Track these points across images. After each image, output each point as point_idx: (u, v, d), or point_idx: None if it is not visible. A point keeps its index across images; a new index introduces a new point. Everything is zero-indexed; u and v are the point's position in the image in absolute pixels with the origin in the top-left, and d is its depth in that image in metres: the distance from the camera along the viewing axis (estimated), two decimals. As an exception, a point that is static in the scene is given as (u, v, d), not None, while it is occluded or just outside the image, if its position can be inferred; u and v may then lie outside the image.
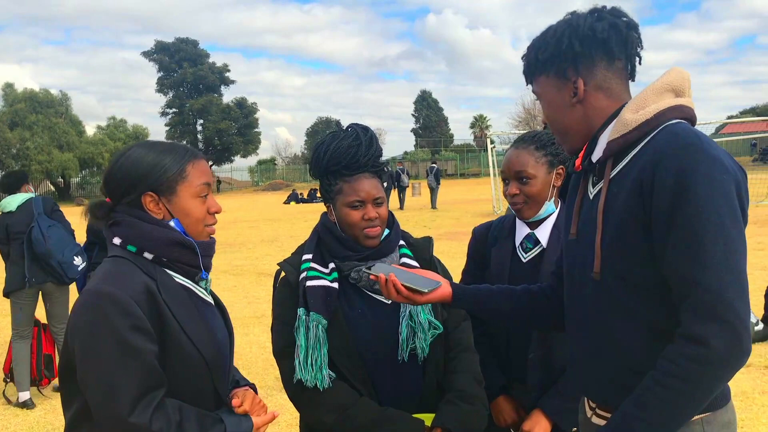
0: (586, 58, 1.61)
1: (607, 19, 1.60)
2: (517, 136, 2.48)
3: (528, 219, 2.35)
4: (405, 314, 2.07)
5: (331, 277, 2.09)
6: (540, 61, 1.67)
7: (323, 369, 1.98)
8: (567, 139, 1.72)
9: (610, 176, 1.59)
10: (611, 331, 1.58)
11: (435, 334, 2.08)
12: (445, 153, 63.67)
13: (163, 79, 63.42)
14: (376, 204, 2.10)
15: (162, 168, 1.75)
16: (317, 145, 2.18)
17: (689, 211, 1.39)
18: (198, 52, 63.33)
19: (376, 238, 2.11)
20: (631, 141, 1.55)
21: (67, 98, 48.74)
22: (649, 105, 1.55)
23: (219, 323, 1.88)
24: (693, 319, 1.38)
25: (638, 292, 1.52)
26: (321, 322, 2.00)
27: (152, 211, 1.76)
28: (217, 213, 1.85)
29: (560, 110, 1.68)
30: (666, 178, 1.42)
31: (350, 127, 2.18)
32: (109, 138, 47.88)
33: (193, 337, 1.70)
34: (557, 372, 2.27)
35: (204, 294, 1.85)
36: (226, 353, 1.87)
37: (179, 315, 1.70)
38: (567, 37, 1.61)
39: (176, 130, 63.70)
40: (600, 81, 1.62)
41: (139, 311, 1.61)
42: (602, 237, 1.57)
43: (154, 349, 1.62)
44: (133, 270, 1.69)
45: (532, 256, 2.36)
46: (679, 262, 1.41)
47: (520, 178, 2.30)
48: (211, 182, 1.86)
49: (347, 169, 2.11)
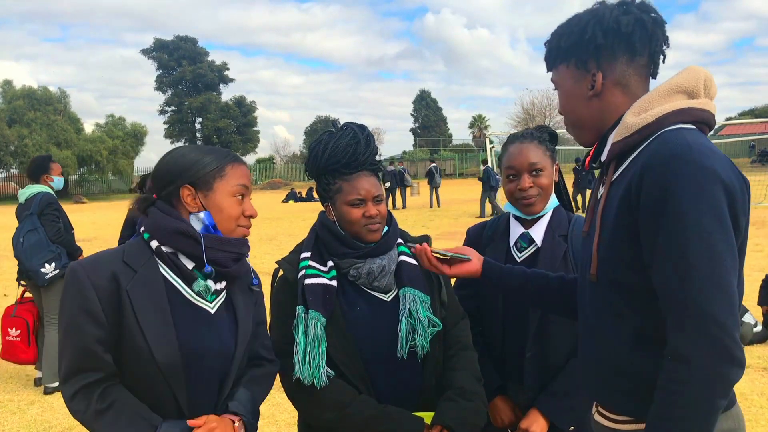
0: (607, 51, 1.57)
1: (634, 14, 1.56)
2: (511, 134, 2.46)
3: (537, 213, 2.34)
4: (404, 311, 2.06)
5: (329, 275, 2.08)
6: (562, 49, 1.65)
7: (321, 367, 1.97)
8: (580, 132, 1.71)
9: (611, 179, 1.57)
10: (603, 332, 1.59)
11: (434, 331, 2.08)
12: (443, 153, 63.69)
13: (162, 77, 63.55)
14: (376, 201, 2.11)
15: (202, 164, 1.83)
16: (314, 144, 2.17)
17: (672, 224, 1.37)
18: (197, 50, 63.41)
19: (377, 232, 2.12)
20: (631, 145, 1.53)
21: (65, 96, 48.59)
22: (653, 108, 1.52)
23: (205, 331, 1.80)
24: (677, 336, 1.37)
25: (628, 296, 1.51)
26: (320, 319, 2.00)
27: (188, 204, 1.82)
28: (252, 217, 1.89)
29: (576, 102, 1.66)
30: (650, 191, 1.40)
31: (346, 126, 2.17)
32: (107, 136, 47.73)
33: (150, 338, 1.69)
34: (553, 371, 2.27)
35: (194, 297, 1.81)
36: (205, 364, 1.79)
37: (142, 311, 1.70)
38: (591, 27, 1.58)
39: (175, 128, 63.83)
40: (619, 76, 1.59)
41: (93, 294, 1.68)
42: (599, 240, 1.56)
43: (97, 334, 1.68)
44: (112, 257, 1.78)
45: (527, 255, 2.35)
46: (664, 275, 1.39)
47: (533, 171, 2.29)
48: (249, 187, 1.89)
49: (346, 167, 2.10)
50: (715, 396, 1.34)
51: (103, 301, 1.69)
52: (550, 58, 1.71)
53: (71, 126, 46.23)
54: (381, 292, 2.12)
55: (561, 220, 2.36)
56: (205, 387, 1.81)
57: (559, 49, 1.66)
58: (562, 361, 2.28)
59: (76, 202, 39.18)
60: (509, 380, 2.36)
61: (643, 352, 1.49)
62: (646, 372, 1.47)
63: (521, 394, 2.32)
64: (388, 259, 2.13)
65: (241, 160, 1.92)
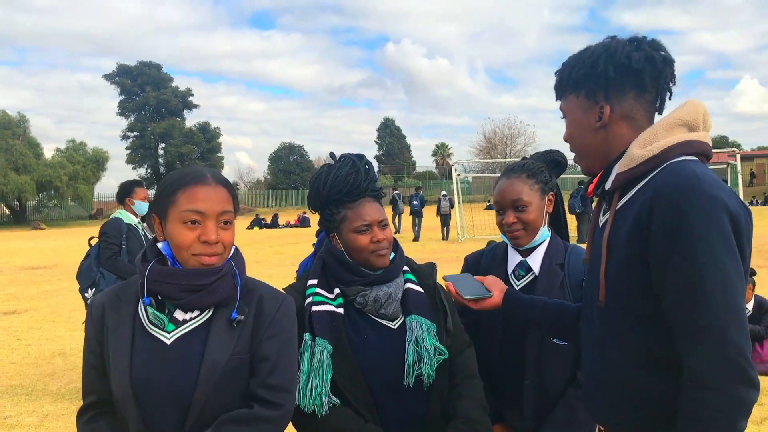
0: (617, 86, 1.62)
1: (645, 51, 1.61)
2: (506, 166, 2.51)
3: (524, 246, 2.37)
4: (411, 339, 2.06)
5: (336, 303, 2.08)
6: (572, 80, 1.69)
7: (323, 395, 1.96)
8: (584, 160, 1.75)
9: (616, 208, 1.61)
10: (611, 359, 1.61)
11: (440, 359, 2.07)
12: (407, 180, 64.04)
13: (125, 102, 62.90)
14: (381, 226, 2.13)
15: (161, 190, 1.79)
16: (315, 177, 2.19)
17: (685, 252, 1.40)
18: (161, 76, 63.03)
19: (386, 257, 2.13)
20: (637, 175, 1.57)
21: (25, 120, 47.72)
22: (657, 140, 1.57)
23: (155, 363, 1.71)
24: (696, 361, 1.39)
25: (639, 323, 1.54)
26: (326, 347, 1.99)
27: (158, 233, 1.83)
28: (208, 242, 1.72)
29: (583, 131, 1.70)
30: (662, 220, 1.44)
31: (344, 156, 2.20)
32: (67, 161, 46.92)
33: (111, 365, 1.74)
34: (552, 399, 2.28)
35: (150, 327, 1.75)
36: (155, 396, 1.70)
37: (111, 340, 1.76)
38: (603, 61, 1.62)
39: (137, 154, 63.08)
40: (626, 110, 1.63)
41: (90, 324, 1.81)
42: (606, 268, 1.59)
43: (92, 360, 1.79)
44: (114, 289, 1.86)
45: (525, 283, 2.37)
46: (678, 302, 1.42)
47: (517, 207, 2.33)
48: (208, 210, 1.73)
49: (348, 196, 2.12)
50: (739, 418, 1.38)
51: (96, 330, 1.79)
52: (560, 87, 1.75)
53: (30, 151, 45.35)
54: (387, 319, 2.11)
55: (558, 249, 2.39)
56: (159, 420, 1.70)
57: (569, 80, 1.70)
58: (561, 388, 2.29)
59: (34, 228, 38.31)
60: (508, 408, 2.36)
61: (654, 377, 1.52)
62: (658, 396, 1.50)
63: (520, 422, 2.32)
64: (395, 287, 2.13)
65: (205, 180, 1.76)
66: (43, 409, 5.58)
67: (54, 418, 5.38)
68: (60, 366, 6.92)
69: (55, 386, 6.22)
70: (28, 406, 5.68)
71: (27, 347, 7.88)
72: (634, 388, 1.55)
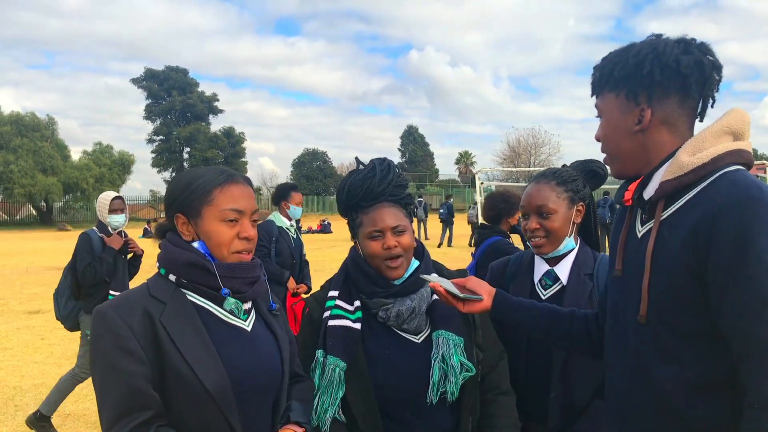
0: (662, 89, 1.54)
1: (695, 55, 1.53)
2: (538, 172, 2.47)
3: (546, 255, 2.33)
4: (438, 356, 1.99)
5: (354, 317, 2.04)
6: (613, 78, 1.60)
7: (328, 412, 1.93)
8: (616, 163, 1.67)
9: (660, 218, 1.52)
10: (651, 376, 1.52)
11: (467, 376, 2.00)
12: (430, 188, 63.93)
13: (152, 106, 63.44)
14: (396, 233, 2.05)
15: (190, 189, 1.77)
16: (339, 184, 2.18)
17: (752, 267, 1.32)
18: (187, 81, 63.50)
19: (398, 269, 2.06)
20: (686, 184, 1.48)
21: (53, 122, 48.32)
22: (706, 148, 1.49)
23: (248, 349, 1.76)
24: (761, 381, 1.31)
25: (688, 340, 1.46)
26: (339, 365, 1.96)
27: (183, 233, 1.79)
28: (248, 239, 1.78)
29: (619, 134, 1.62)
30: (727, 233, 1.35)
31: (370, 162, 2.18)
32: (94, 163, 47.47)
33: (195, 365, 1.63)
34: (578, 412, 2.23)
35: (228, 317, 1.77)
36: (256, 382, 1.75)
37: (180, 339, 1.65)
38: (650, 61, 1.53)
39: (162, 158, 63.56)
40: (668, 115, 1.56)
41: (128, 332, 1.62)
42: (650, 281, 1.50)
43: (141, 371, 1.60)
44: (140, 294, 1.72)
45: (552, 293, 2.33)
46: (741, 319, 1.34)
47: (541, 213, 2.29)
48: (246, 208, 1.78)
49: (364, 200, 2.10)
50: None
51: (139, 337, 1.63)
52: (598, 83, 1.66)
53: (58, 153, 45.97)
54: (411, 333, 2.06)
55: (587, 259, 2.35)
56: (258, 407, 1.76)
57: (610, 77, 1.61)
58: (587, 401, 2.24)
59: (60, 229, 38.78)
60: (532, 420, 2.31)
61: (704, 398, 1.44)
62: (706, 419, 1.43)
63: (546, 434, 2.27)
64: (419, 299, 2.06)
65: (237, 179, 1.81)
66: (65, 409, 5.60)
67: (75, 418, 5.41)
68: (82, 366, 6.95)
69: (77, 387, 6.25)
70: (51, 406, 5.70)
71: (50, 347, 7.96)
72: (682, 410, 1.47)
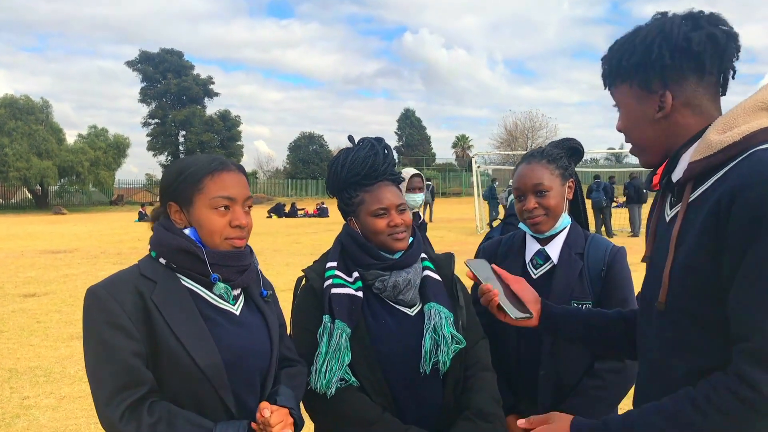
0: (676, 72, 1.45)
1: (705, 29, 1.43)
2: (526, 152, 2.47)
3: (545, 232, 2.34)
4: (429, 327, 2.03)
5: (355, 286, 2.06)
6: (623, 68, 1.52)
7: (335, 376, 1.94)
8: (643, 154, 1.58)
9: (688, 200, 1.43)
10: (668, 364, 1.46)
11: (457, 348, 2.04)
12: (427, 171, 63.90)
13: (147, 89, 63.20)
14: (399, 211, 2.11)
15: (182, 178, 1.80)
16: (333, 161, 2.18)
17: (762, 249, 1.24)
18: (182, 64, 63.22)
19: (404, 240, 2.11)
20: (715, 164, 1.38)
21: (48, 105, 48.01)
22: (738, 125, 1.38)
23: (237, 332, 1.80)
24: (748, 363, 1.25)
25: (706, 329, 1.37)
26: (345, 330, 1.97)
27: (176, 221, 1.81)
28: (240, 226, 1.80)
29: (640, 123, 1.53)
30: (744, 211, 1.26)
31: (363, 140, 2.18)
32: (89, 147, 47.28)
33: (187, 343, 1.67)
34: (567, 390, 2.25)
35: (218, 301, 1.81)
36: (245, 363, 1.79)
37: (173, 320, 1.68)
38: (657, 45, 1.44)
39: (158, 141, 63.42)
40: (689, 96, 1.46)
41: (119, 308, 1.64)
42: (672, 266, 1.42)
43: (133, 347, 1.64)
44: (131, 273, 1.76)
45: (543, 272, 2.34)
46: (742, 302, 1.27)
47: (538, 192, 2.30)
48: (238, 196, 1.80)
49: (367, 179, 2.11)
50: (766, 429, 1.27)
51: (132, 315, 1.66)
52: (609, 75, 1.58)
53: (53, 136, 45.76)
54: (405, 306, 2.09)
55: (578, 238, 2.36)
56: (248, 387, 1.80)
57: (619, 68, 1.53)
58: (576, 379, 2.26)
59: (55, 213, 38.76)
60: (522, 398, 2.33)
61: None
62: None
63: (534, 412, 2.27)
64: (414, 273, 2.11)
65: (228, 166, 1.82)
66: (60, 390, 5.64)
67: (71, 400, 5.43)
68: (78, 349, 6.97)
69: (72, 369, 6.29)
70: (46, 388, 5.74)
71: (46, 330, 7.97)
72: None
